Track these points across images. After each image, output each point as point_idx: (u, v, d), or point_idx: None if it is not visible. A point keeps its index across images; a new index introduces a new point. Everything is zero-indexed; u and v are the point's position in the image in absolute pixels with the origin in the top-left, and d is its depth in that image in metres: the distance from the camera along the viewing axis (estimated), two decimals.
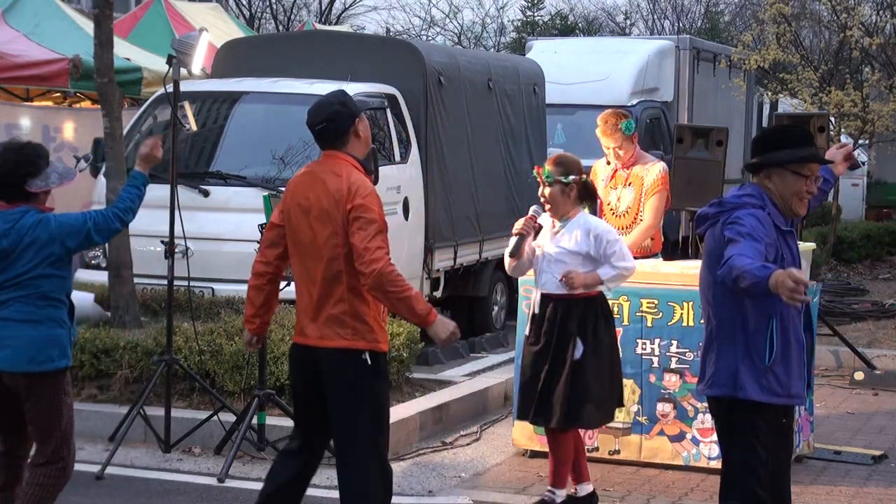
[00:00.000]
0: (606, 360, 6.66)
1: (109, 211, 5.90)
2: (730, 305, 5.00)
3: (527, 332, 6.84)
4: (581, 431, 7.00)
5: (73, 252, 5.78)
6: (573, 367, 6.55)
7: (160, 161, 6.30)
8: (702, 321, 5.43)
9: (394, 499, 7.02)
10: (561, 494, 6.74)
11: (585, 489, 6.85)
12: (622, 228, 8.17)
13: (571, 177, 6.61)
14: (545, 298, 6.71)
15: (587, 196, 6.75)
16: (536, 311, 6.74)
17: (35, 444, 5.75)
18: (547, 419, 6.62)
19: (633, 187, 8.15)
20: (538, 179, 6.71)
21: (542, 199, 6.71)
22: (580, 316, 6.61)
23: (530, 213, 6.72)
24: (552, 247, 6.65)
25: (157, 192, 6.72)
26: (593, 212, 6.80)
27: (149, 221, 9.23)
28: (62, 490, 5.79)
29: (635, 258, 8.06)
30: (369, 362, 5.40)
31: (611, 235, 6.64)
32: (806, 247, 8.64)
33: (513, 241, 6.73)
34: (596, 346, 6.60)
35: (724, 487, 5.11)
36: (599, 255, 6.58)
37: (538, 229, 6.70)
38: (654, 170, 8.14)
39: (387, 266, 5.30)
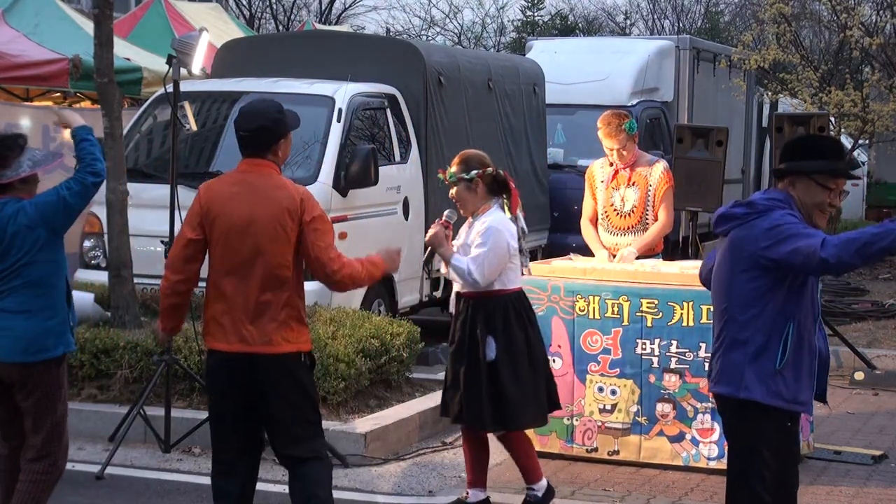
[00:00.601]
0: (522, 359, 6.52)
1: (77, 172, 5.82)
2: (755, 305, 4.90)
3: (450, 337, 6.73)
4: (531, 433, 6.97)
5: (61, 231, 5.71)
6: (489, 369, 6.46)
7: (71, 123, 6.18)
8: (702, 321, 5.41)
9: (394, 499, 7.07)
10: (541, 486, 6.71)
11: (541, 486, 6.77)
12: (627, 228, 8.18)
13: (474, 172, 6.47)
14: (458, 297, 6.66)
15: (498, 188, 6.57)
16: (452, 310, 6.70)
17: (27, 438, 5.73)
18: (481, 424, 6.56)
19: (638, 187, 8.15)
20: (444, 181, 6.61)
21: (453, 200, 6.63)
22: (488, 314, 6.50)
23: (444, 218, 6.58)
24: (459, 243, 6.56)
25: (157, 192, 6.73)
26: (510, 203, 6.60)
27: (149, 221, 9.28)
28: (55, 486, 5.77)
29: (642, 257, 8.12)
30: (306, 361, 5.65)
31: (488, 235, 6.39)
32: None
33: (428, 249, 6.64)
34: (508, 345, 6.48)
35: (730, 491, 5.05)
36: (470, 242, 6.46)
37: (449, 235, 6.54)
38: (657, 169, 8.15)
39: (349, 266, 5.62)
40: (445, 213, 6.64)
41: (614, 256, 8.14)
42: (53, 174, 13.04)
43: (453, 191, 6.55)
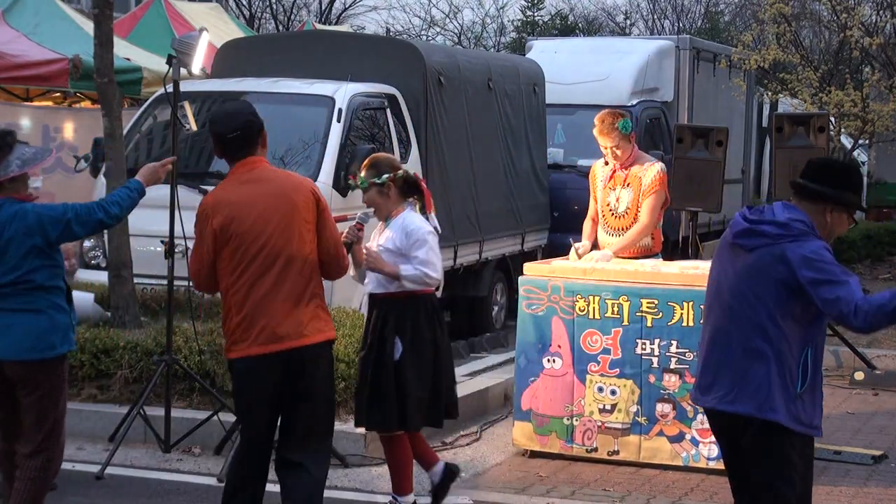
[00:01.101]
0: (427, 361, 6.53)
1: (94, 203, 5.83)
2: (783, 324, 4.77)
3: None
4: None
5: (57, 243, 5.71)
6: (395, 369, 6.45)
7: (160, 181, 6.22)
8: (701, 322, 5.34)
9: None
10: (406, 501, 6.62)
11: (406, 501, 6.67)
12: (622, 229, 8.17)
13: (385, 176, 6.48)
14: (371, 299, 6.66)
15: (410, 191, 6.59)
16: (364, 313, 6.70)
17: (25, 434, 5.72)
18: (385, 425, 6.51)
19: (632, 188, 8.13)
20: (356, 187, 6.61)
21: (366, 205, 6.64)
22: (399, 314, 6.51)
23: (356, 220, 6.56)
24: (374, 247, 6.56)
25: (157, 192, 6.72)
26: (423, 205, 6.62)
27: (149, 221, 9.26)
28: (51, 482, 5.77)
29: (636, 258, 8.11)
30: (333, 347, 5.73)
31: (420, 234, 6.44)
32: None
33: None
34: (415, 345, 6.47)
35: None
36: (407, 252, 6.47)
37: (361, 237, 6.52)
38: (651, 170, 8.13)
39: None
40: (358, 214, 6.61)
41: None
42: (53, 174, 13.12)
43: (366, 196, 6.56)
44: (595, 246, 8.30)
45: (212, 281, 5.59)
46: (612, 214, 8.20)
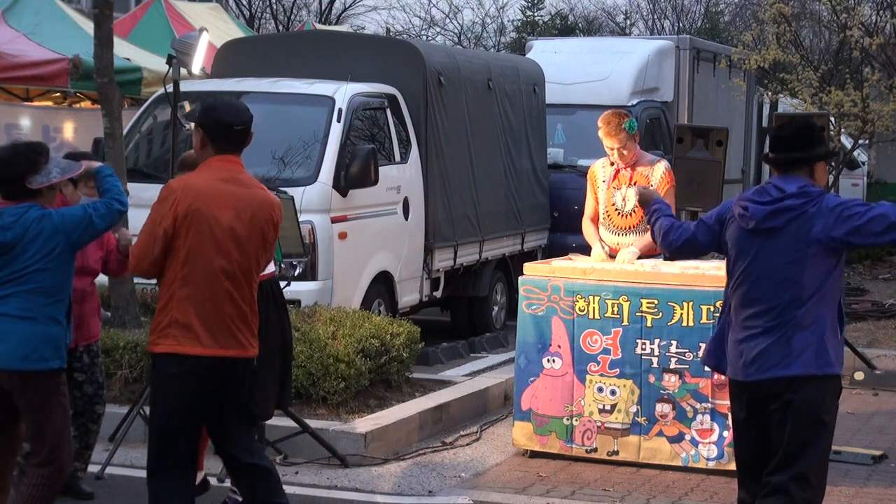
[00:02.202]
0: (276, 349, 6.59)
1: (104, 199, 5.87)
2: (823, 285, 5.18)
3: None
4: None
5: (78, 246, 5.75)
6: None
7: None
8: (702, 321, 5.40)
9: (394, 499, 7.07)
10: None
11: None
12: (629, 228, 8.17)
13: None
14: None
15: None
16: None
17: (31, 444, 5.74)
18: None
19: (638, 186, 8.13)
20: None
21: None
22: None
23: None
24: None
25: (156, 192, 6.71)
26: None
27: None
28: (60, 490, 5.78)
29: (645, 257, 8.10)
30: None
31: None
32: None
33: None
34: (262, 334, 6.31)
35: (803, 475, 5.24)
36: None
37: None
38: (658, 168, 8.14)
39: None
40: None
41: (613, 257, 8.13)
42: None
43: None
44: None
45: (158, 258, 5.43)
46: (619, 214, 8.20)
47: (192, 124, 5.74)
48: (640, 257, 8.07)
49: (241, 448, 5.60)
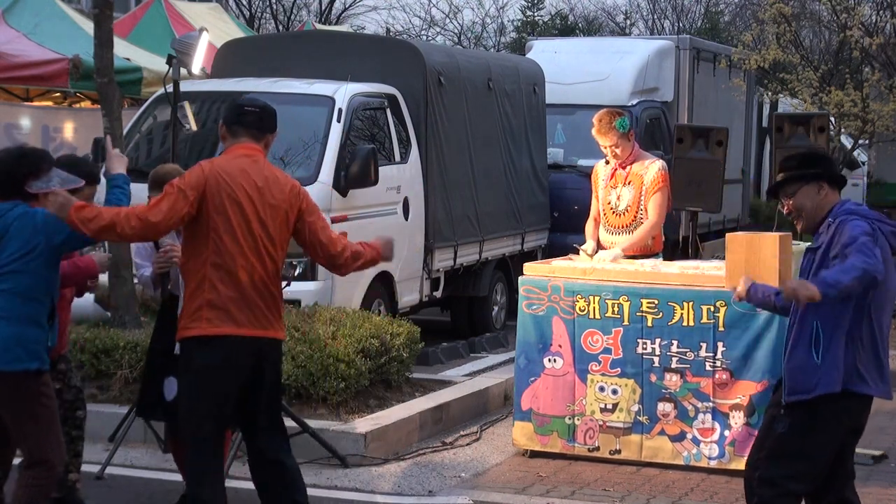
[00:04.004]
0: None
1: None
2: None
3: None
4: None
5: (62, 250, 5.65)
6: None
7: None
8: (702, 321, 5.40)
9: (394, 499, 7.07)
10: None
11: None
12: (622, 227, 8.18)
13: None
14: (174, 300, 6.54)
15: None
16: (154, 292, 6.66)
17: (18, 445, 5.70)
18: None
19: (633, 186, 8.15)
20: None
21: None
22: None
23: (160, 247, 6.45)
24: None
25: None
26: None
27: None
28: (52, 490, 5.75)
29: (636, 257, 8.12)
30: None
31: None
32: (802, 247, 8.63)
33: (146, 272, 6.59)
34: None
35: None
36: None
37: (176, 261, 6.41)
38: (652, 168, 8.15)
39: (350, 246, 5.68)
40: (165, 241, 6.45)
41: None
42: None
43: None
44: (599, 245, 8.30)
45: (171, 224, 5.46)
46: (613, 213, 8.21)
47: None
48: (638, 257, 8.07)
49: (270, 443, 5.65)
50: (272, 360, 5.61)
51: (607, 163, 8.27)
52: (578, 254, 8.32)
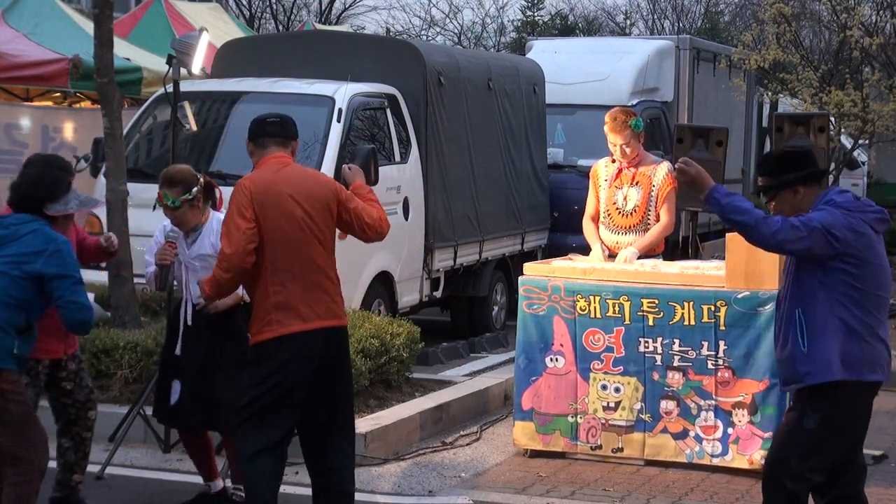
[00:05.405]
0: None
1: (86, 300, 5.69)
2: None
3: (178, 348, 6.68)
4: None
5: (38, 279, 5.55)
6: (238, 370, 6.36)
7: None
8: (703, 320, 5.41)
9: (394, 499, 7.07)
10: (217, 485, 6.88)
11: (217, 486, 6.88)
12: (629, 227, 8.18)
13: (195, 189, 6.52)
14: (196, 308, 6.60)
15: (210, 193, 6.70)
16: (189, 322, 6.63)
17: None
18: (218, 424, 6.63)
19: (640, 186, 8.16)
20: (164, 207, 6.57)
21: (174, 223, 6.61)
22: (229, 317, 6.53)
23: (166, 239, 6.56)
24: (191, 257, 6.57)
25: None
26: (214, 202, 6.72)
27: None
28: (39, 483, 5.73)
29: (641, 257, 8.12)
30: None
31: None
32: None
33: (152, 270, 6.66)
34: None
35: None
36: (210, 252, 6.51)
37: (175, 255, 6.59)
38: (661, 169, 8.16)
39: (371, 212, 5.95)
40: (168, 233, 6.59)
41: (613, 256, 8.14)
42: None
43: (176, 213, 6.52)
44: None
45: (252, 258, 5.69)
46: (619, 213, 8.21)
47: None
48: (639, 257, 8.08)
49: (341, 463, 5.84)
50: (344, 345, 5.87)
51: (613, 161, 8.26)
52: (578, 255, 8.32)
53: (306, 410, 5.76)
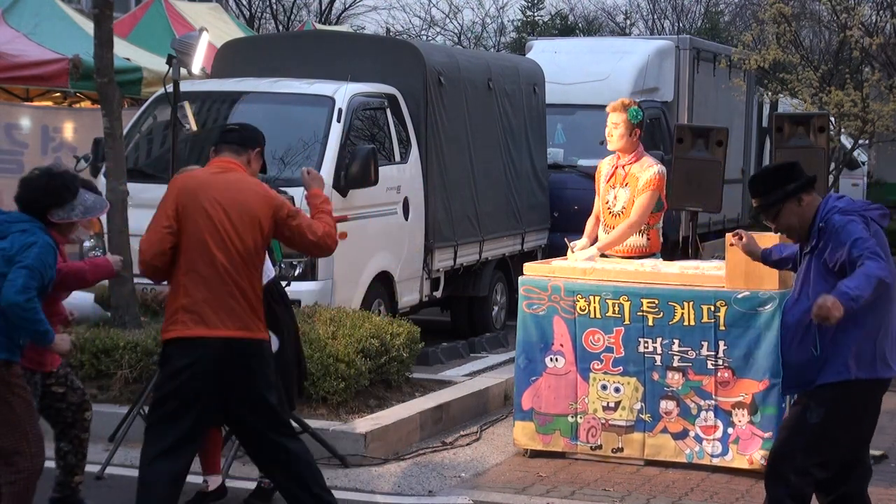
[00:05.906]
0: (293, 350, 6.72)
1: (41, 314, 5.62)
2: None
3: None
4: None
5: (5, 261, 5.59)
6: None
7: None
8: (703, 320, 5.40)
9: (394, 499, 7.06)
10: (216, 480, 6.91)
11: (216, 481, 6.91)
12: (616, 227, 8.19)
13: None
14: None
15: None
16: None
17: None
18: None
19: (629, 187, 8.16)
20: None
21: None
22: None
23: None
24: None
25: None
26: None
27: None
28: (36, 481, 5.73)
29: (633, 257, 8.12)
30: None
31: None
32: None
33: None
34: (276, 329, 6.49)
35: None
36: None
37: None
38: (650, 171, 8.15)
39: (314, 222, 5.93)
40: None
41: (605, 255, 8.15)
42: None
43: None
44: (594, 243, 8.31)
45: (163, 259, 5.70)
46: (610, 213, 8.22)
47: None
48: (638, 257, 8.07)
49: (267, 428, 5.75)
50: (252, 360, 5.68)
51: (619, 158, 8.27)
52: (573, 252, 8.33)
53: (224, 413, 5.74)
